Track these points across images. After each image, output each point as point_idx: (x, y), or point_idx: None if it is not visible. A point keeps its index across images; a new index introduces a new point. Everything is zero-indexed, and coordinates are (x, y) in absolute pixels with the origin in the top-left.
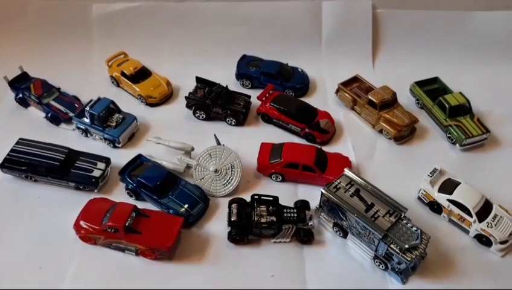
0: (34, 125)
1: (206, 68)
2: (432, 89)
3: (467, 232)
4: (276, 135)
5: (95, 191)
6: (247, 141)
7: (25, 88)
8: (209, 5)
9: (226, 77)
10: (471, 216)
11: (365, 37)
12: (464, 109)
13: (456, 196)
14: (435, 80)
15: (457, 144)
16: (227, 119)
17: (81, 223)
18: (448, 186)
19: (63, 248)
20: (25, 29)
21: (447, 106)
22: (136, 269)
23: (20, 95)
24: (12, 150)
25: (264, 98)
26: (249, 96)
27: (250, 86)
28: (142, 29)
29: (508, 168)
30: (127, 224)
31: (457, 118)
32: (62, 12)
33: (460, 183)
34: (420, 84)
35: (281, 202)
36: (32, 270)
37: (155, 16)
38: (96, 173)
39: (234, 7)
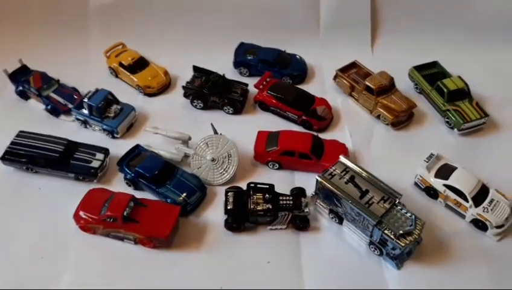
0: (34, 118)
1: (204, 57)
2: (430, 74)
3: (463, 217)
4: (273, 123)
5: (94, 181)
6: (245, 129)
7: (25, 81)
8: None
9: (224, 65)
10: (467, 201)
11: (364, 22)
12: (462, 93)
13: (452, 181)
14: (434, 64)
15: (456, 129)
16: (225, 107)
17: (81, 213)
18: (445, 172)
19: (64, 237)
20: (24, 23)
21: (445, 90)
22: (135, 257)
23: (20, 88)
24: (12, 143)
25: (261, 86)
26: (246, 85)
27: (248, 74)
28: (140, 20)
29: (506, 152)
30: (124, 213)
31: (456, 102)
32: (60, 4)
33: (456, 168)
34: (419, 68)
35: (278, 189)
36: (34, 260)
37: (152, 6)
38: (95, 164)
39: None
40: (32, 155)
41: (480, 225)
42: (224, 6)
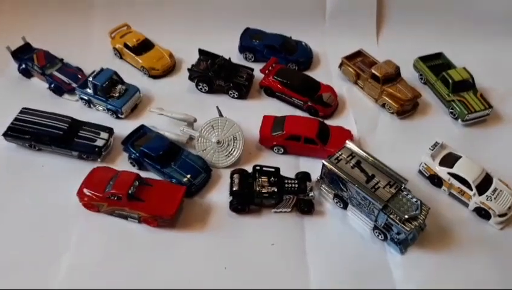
0: (37, 96)
1: (210, 41)
2: (435, 65)
3: (467, 205)
4: (278, 108)
5: (98, 160)
6: (250, 114)
7: (28, 59)
8: None
9: (229, 49)
10: (471, 189)
11: (370, 11)
12: (467, 85)
13: (456, 169)
14: (439, 55)
15: (460, 119)
16: (230, 92)
17: (85, 190)
18: (449, 160)
19: (67, 215)
20: (28, 1)
21: (450, 81)
22: (139, 236)
23: (23, 66)
24: (16, 119)
25: (267, 71)
26: (252, 69)
27: (253, 59)
28: (145, 2)
29: (509, 143)
30: (130, 192)
31: (461, 93)
32: None
33: (461, 157)
34: (424, 59)
35: (283, 174)
36: (36, 237)
37: None
38: (99, 143)
39: None
40: (36, 132)
41: (483, 213)
42: None
